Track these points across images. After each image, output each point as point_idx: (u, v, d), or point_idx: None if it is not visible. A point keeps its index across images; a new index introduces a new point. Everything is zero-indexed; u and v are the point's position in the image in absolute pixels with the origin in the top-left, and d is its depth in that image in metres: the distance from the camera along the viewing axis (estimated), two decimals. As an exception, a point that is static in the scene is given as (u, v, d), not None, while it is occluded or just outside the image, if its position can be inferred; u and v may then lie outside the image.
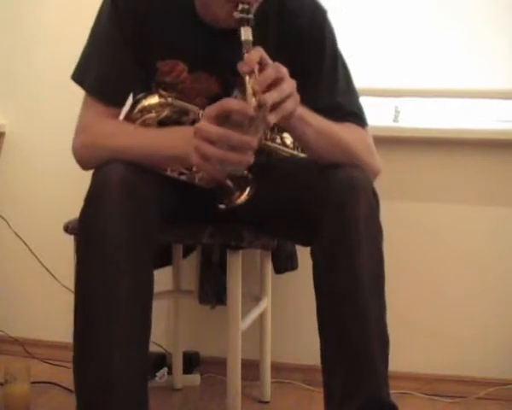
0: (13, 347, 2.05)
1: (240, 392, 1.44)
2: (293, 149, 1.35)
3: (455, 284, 1.89)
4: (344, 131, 1.22)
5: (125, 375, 1.07)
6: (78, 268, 1.12)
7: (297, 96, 1.08)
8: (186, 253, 1.82)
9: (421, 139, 1.88)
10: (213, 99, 1.26)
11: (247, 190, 1.19)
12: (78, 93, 1.33)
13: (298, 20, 1.27)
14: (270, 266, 1.77)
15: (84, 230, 1.13)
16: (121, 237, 1.09)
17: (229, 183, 1.20)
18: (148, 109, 1.28)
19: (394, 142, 1.85)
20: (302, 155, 1.37)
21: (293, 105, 1.07)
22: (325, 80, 1.28)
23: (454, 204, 1.89)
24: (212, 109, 1.05)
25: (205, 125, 1.04)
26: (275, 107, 1.03)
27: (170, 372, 1.85)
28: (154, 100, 1.28)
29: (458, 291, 1.88)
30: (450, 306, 1.89)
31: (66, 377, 1.78)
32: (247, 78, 1.03)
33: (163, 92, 1.28)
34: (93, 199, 1.12)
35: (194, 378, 1.89)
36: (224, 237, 1.40)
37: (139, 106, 1.28)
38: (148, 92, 1.29)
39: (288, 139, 1.36)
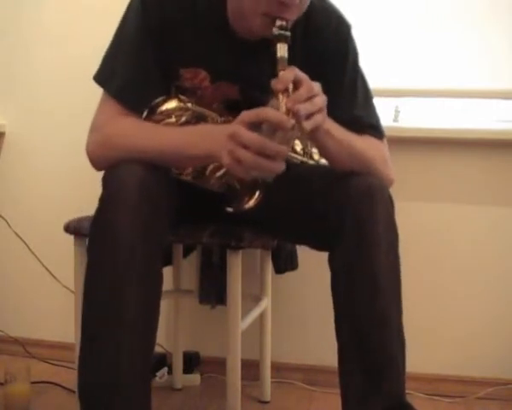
0: (13, 347, 2.05)
1: (240, 392, 1.44)
2: (303, 155, 1.36)
3: (455, 284, 1.89)
4: (363, 144, 1.26)
5: (131, 377, 1.07)
6: (89, 269, 1.12)
7: (325, 111, 1.11)
8: (186, 253, 1.82)
9: (421, 139, 1.88)
10: (231, 105, 1.28)
11: (256, 194, 1.20)
12: (79, 93, 1.34)
13: (323, 35, 1.28)
14: (270, 266, 1.78)
15: (99, 231, 1.12)
16: (135, 241, 1.08)
17: (238, 187, 1.20)
18: (167, 113, 1.26)
19: (394, 142, 1.83)
20: (312, 162, 1.37)
21: (323, 118, 1.10)
22: (345, 93, 1.30)
23: (454, 204, 1.89)
24: (249, 116, 1.06)
25: (241, 129, 1.05)
26: (308, 117, 1.06)
27: (170, 372, 1.85)
28: (173, 104, 1.27)
29: (458, 291, 1.89)
30: (450, 306, 1.89)
31: (67, 377, 1.79)
32: (281, 96, 1.05)
33: (182, 97, 1.28)
34: (110, 201, 1.11)
35: (194, 378, 1.90)
36: (224, 237, 1.40)
37: (158, 110, 1.27)
38: (168, 96, 1.28)
39: (298, 146, 1.37)
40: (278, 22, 1.11)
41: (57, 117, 2.05)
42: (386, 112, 1.95)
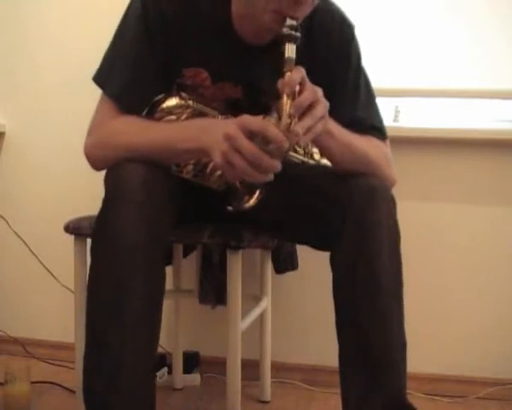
0: (13, 347, 2.05)
1: (240, 392, 1.43)
2: (304, 155, 1.36)
3: (455, 284, 1.89)
4: (366, 145, 1.25)
5: (137, 377, 1.08)
6: (93, 269, 1.12)
7: (327, 117, 1.11)
8: (186, 253, 1.82)
9: (421, 139, 1.88)
10: (233, 104, 1.27)
11: (257, 193, 1.20)
12: (79, 93, 1.33)
13: (327, 36, 1.28)
14: (270, 266, 1.78)
15: (102, 231, 1.12)
16: (139, 240, 1.08)
17: (238, 186, 1.20)
18: (168, 111, 1.26)
19: (394, 142, 1.83)
20: (312, 161, 1.37)
21: (322, 127, 1.10)
22: (348, 94, 1.30)
23: (454, 204, 1.89)
24: (251, 124, 1.04)
25: (239, 134, 1.04)
26: (306, 131, 1.05)
27: (170, 372, 1.86)
28: (174, 101, 1.27)
29: (458, 291, 1.89)
30: (451, 306, 1.89)
31: (67, 377, 1.79)
32: (285, 98, 1.04)
33: (183, 94, 1.28)
34: (113, 200, 1.11)
35: (194, 378, 1.90)
36: (224, 237, 1.39)
37: (159, 107, 1.27)
38: (168, 94, 1.28)
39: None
40: (289, 22, 1.09)
41: (57, 117, 2.05)
42: (386, 112, 1.94)
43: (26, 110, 2.09)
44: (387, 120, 1.93)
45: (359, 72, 1.32)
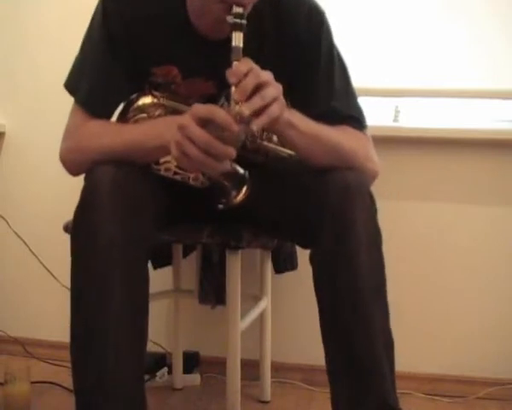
0: (13, 347, 2.05)
1: (240, 392, 1.44)
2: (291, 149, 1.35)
3: (454, 284, 1.89)
4: (338, 135, 1.21)
5: (120, 376, 1.07)
6: (73, 272, 1.12)
7: (283, 101, 1.07)
8: (186, 253, 1.82)
9: (421, 139, 1.88)
10: (208, 99, 1.26)
11: (244, 189, 1.20)
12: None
13: (295, 23, 1.25)
14: (269, 266, 1.77)
15: (78, 235, 1.12)
16: (115, 239, 1.08)
17: (225, 182, 1.20)
18: (141, 109, 1.28)
19: (394, 142, 1.85)
20: None
21: (279, 110, 1.06)
22: (321, 83, 1.26)
23: (454, 204, 1.89)
24: (200, 111, 1.04)
25: (191, 124, 1.03)
26: (259, 113, 1.03)
27: (170, 372, 1.85)
28: (147, 100, 1.28)
29: (458, 291, 1.88)
30: (451, 306, 1.89)
31: (66, 377, 1.78)
32: (233, 88, 1.03)
33: (156, 93, 1.28)
34: (85, 204, 1.12)
35: (194, 378, 1.90)
36: (224, 237, 1.40)
37: (133, 106, 1.28)
38: (141, 92, 1.29)
39: None
40: (234, 9, 1.07)
41: (57, 117, 2.03)
42: (386, 112, 1.95)
43: (26, 110, 2.09)
44: (387, 120, 1.94)
45: (332, 58, 1.28)
